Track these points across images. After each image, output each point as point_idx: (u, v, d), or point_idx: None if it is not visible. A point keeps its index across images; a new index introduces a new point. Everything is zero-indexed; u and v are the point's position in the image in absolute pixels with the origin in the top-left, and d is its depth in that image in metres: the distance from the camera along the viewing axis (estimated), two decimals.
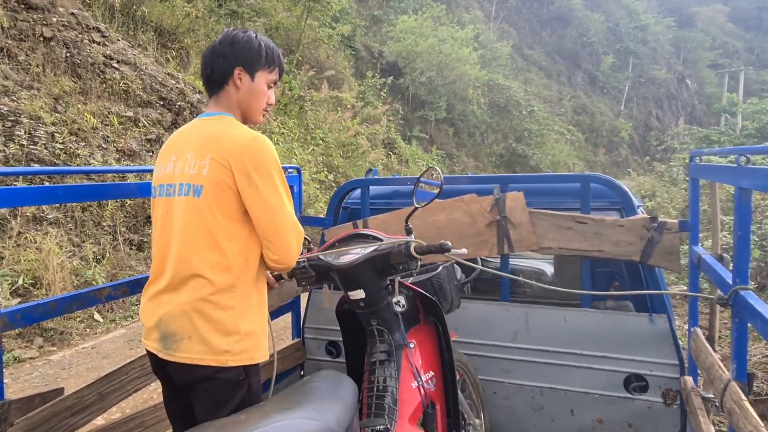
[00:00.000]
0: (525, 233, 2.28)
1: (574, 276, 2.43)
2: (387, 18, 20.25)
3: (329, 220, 2.62)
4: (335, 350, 2.58)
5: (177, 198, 1.48)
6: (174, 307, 1.44)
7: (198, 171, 1.44)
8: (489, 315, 2.35)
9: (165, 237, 1.50)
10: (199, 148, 1.47)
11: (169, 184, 1.51)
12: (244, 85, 1.56)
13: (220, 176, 1.42)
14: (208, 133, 1.49)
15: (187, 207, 1.45)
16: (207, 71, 1.57)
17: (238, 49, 1.55)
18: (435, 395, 1.72)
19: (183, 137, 1.56)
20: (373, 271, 1.65)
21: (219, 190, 1.42)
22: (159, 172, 1.58)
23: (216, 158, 1.43)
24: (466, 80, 18.74)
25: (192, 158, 1.47)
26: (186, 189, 1.46)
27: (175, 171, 1.50)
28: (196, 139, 1.50)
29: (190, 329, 1.42)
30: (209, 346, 1.40)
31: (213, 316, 1.42)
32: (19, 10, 7.02)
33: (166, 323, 1.45)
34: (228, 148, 1.43)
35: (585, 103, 32.12)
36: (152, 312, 1.49)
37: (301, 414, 1.07)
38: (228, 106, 1.57)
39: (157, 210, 1.56)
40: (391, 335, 1.67)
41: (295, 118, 11.64)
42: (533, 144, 21.59)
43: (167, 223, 1.50)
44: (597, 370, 2.19)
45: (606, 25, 39.65)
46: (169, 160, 1.54)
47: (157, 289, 1.50)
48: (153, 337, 1.48)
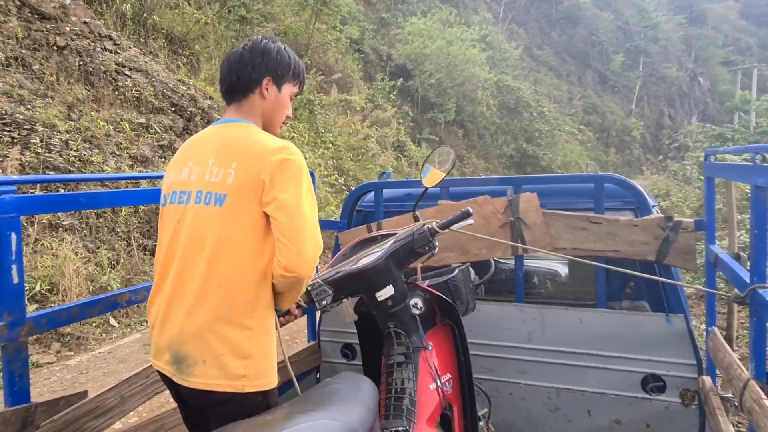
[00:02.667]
0: (539, 234, 2.28)
1: (589, 277, 2.42)
2: (395, 21, 20.29)
3: (343, 224, 2.63)
4: (351, 353, 2.59)
5: (194, 206, 1.40)
6: (186, 327, 1.34)
7: (222, 179, 1.37)
8: (504, 316, 2.35)
9: (175, 247, 1.40)
10: (222, 154, 1.41)
11: (183, 192, 1.44)
12: (270, 96, 1.53)
13: (246, 185, 1.36)
14: (233, 139, 1.44)
15: (208, 216, 1.37)
16: (232, 78, 1.52)
17: (269, 59, 1.52)
18: (452, 397, 1.72)
19: (200, 143, 1.50)
20: (396, 264, 1.66)
21: (244, 201, 1.36)
22: (171, 179, 1.50)
23: (243, 166, 1.37)
24: (475, 82, 18.73)
25: (214, 165, 1.40)
26: (207, 197, 1.38)
27: (191, 177, 1.43)
28: (218, 145, 1.44)
29: (205, 352, 1.32)
30: (225, 370, 1.31)
31: (230, 337, 1.33)
32: (32, 20, 7.14)
33: (178, 345, 1.35)
34: (256, 156, 1.37)
35: (595, 103, 31.93)
36: (161, 331, 1.40)
37: (325, 415, 1.08)
38: (250, 114, 1.53)
39: (167, 218, 1.47)
40: (409, 337, 1.67)
41: (305, 122, 11.70)
42: (544, 144, 21.50)
43: (178, 233, 1.41)
44: (614, 371, 2.18)
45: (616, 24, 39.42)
46: (184, 166, 1.47)
47: (165, 305, 1.40)
48: (165, 359, 1.38)
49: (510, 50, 24.42)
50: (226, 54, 1.56)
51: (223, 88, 1.56)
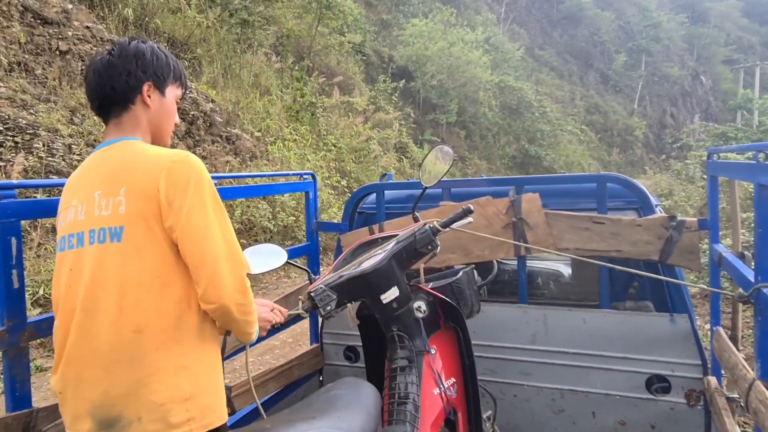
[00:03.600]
0: (541, 234, 2.27)
1: (592, 277, 2.41)
2: (396, 22, 20.30)
3: (345, 226, 2.63)
4: (354, 355, 2.59)
5: (88, 248, 1.21)
6: (112, 389, 1.16)
7: (113, 210, 1.19)
8: (507, 317, 2.34)
9: (73, 300, 1.20)
10: (107, 183, 1.23)
11: (71, 234, 1.24)
12: (154, 103, 1.35)
13: (141, 211, 1.18)
14: (116, 163, 1.25)
15: (106, 256, 1.19)
16: (105, 89, 1.31)
17: (145, 62, 1.33)
18: (457, 402, 1.71)
19: (83, 176, 1.30)
20: (399, 265, 1.65)
21: (144, 229, 1.18)
22: (60, 223, 1.29)
23: (133, 190, 1.20)
24: (476, 83, 18.72)
25: (101, 197, 1.22)
26: (100, 235, 1.20)
27: (78, 217, 1.24)
28: (101, 173, 1.25)
29: (140, 408, 1.15)
30: (167, 421, 1.15)
31: (166, 383, 1.16)
32: (35, 25, 7.17)
33: (105, 409, 1.16)
34: (145, 174, 1.20)
35: (598, 103, 31.89)
36: (76, 398, 1.20)
37: (326, 423, 1.07)
38: (134, 129, 1.33)
39: (58, 269, 1.27)
40: (412, 341, 1.66)
41: (307, 125, 11.71)
42: (546, 145, 21.48)
43: (74, 283, 1.21)
44: (618, 372, 2.17)
45: (617, 24, 39.38)
46: (69, 206, 1.27)
47: (74, 368, 1.20)
48: (86, 428, 1.18)
49: (512, 51, 24.41)
50: (91, 62, 1.35)
51: (96, 104, 1.35)
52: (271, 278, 7.90)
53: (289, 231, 8.56)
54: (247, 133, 9.70)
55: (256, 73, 11.30)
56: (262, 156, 9.59)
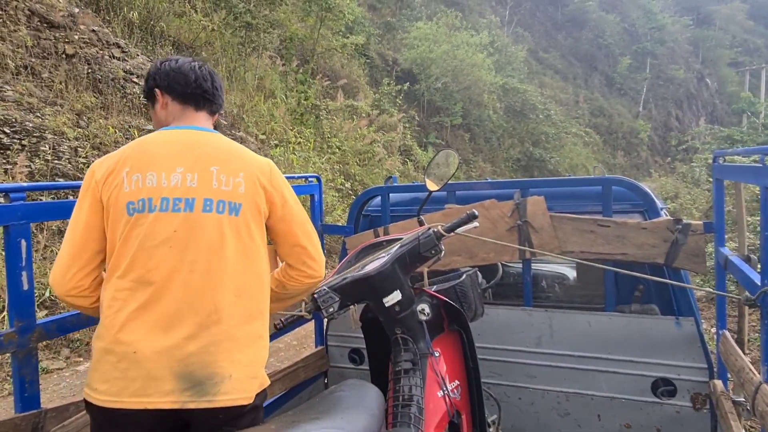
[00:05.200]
0: (547, 237, 2.27)
1: (597, 280, 2.41)
2: (401, 25, 20.33)
3: (350, 228, 2.63)
4: (358, 358, 2.59)
5: (202, 215, 1.32)
6: (209, 344, 1.26)
7: (234, 188, 1.37)
8: (512, 320, 2.34)
9: (168, 260, 1.28)
10: (224, 163, 1.39)
11: (179, 199, 1.33)
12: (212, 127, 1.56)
13: (255, 195, 1.39)
14: (225, 148, 1.44)
15: (224, 225, 1.34)
16: (215, 92, 1.54)
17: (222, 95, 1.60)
18: (461, 404, 1.71)
19: (181, 149, 1.40)
20: (403, 269, 1.66)
21: (255, 210, 1.39)
22: (151, 183, 1.33)
23: (250, 176, 1.40)
24: (481, 85, 18.71)
25: (219, 173, 1.37)
26: (219, 206, 1.34)
27: (188, 184, 1.34)
28: (209, 152, 1.40)
29: (230, 366, 1.28)
30: (251, 381, 1.32)
31: (252, 347, 1.34)
32: (42, 29, 7.22)
33: (196, 366, 1.24)
34: (258, 168, 1.43)
35: (602, 105, 31.81)
36: (162, 355, 1.24)
37: (330, 424, 1.08)
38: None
39: (151, 227, 1.30)
40: (416, 344, 1.66)
41: (311, 127, 11.73)
42: (551, 147, 21.42)
43: (176, 244, 1.30)
44: (623, 375, 2.16)
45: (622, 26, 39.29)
46: (171, 170, 1.35)
47: (162, 324, 1.26)
48: (166, 389, 1.22)
49: (516, 53, 24.39)
50: (186, 59, 1.53)
51: (195, 92, 1.49)
52: None
53: None
54: (252, 136, 9.73)
55: (260, 76, 11.33)
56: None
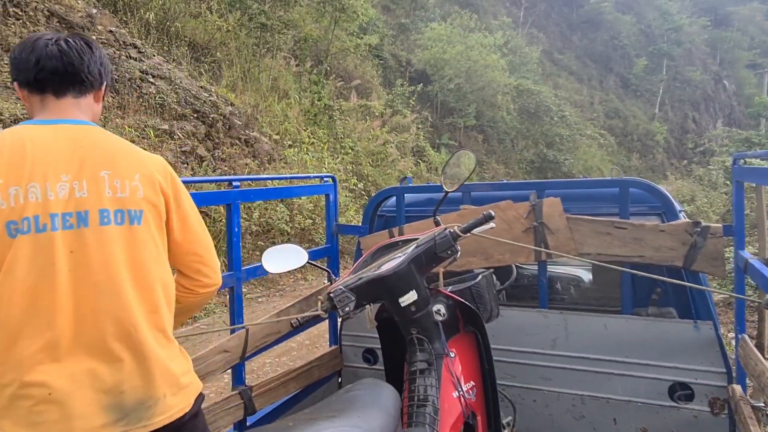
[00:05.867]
0: (563, 239, 2.25)
1: (614, 283, 2.39)
2: (414, 26, 20.33)
3: (365, 228, 2.63)
4: (372, 358, 2.59)
5: (99, 228, 1.15)
6: (137, 367, 1.16)
7: (131, 194, 1.20)
8: (527, 322, 2.32)
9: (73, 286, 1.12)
10: (116, 165, 1.20)
11: (68, 213, 1.13)
12: (99, 107, 1.34)
13: (153, 198, 1.24)
14: (114, 147, 1.24)
15: (125, 237, 1.18)
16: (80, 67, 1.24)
17: (107, 65, 1.34)
18: (476, 405, 1.70)
19: (60, 150, 1.17)
20: (419, 269, 1.65)
21: (156, 215, 1.25)
22: (35, 197, 1.11)
23: (146, 178, 1.23)
24: (495, 86, 18.64)
25: (111, 178, 1.19)
26: (118, 216, 1.17)
27: (76, 195, 1.15)
28: (98, 154, 1.20)
29: (164, 384, 1.19)
30: (189, 387, 1.26)
31: (179, 357, 1.27)
32: (60, 30, 7.32)
33: (128, 393, 1.14)
34: (154, 167, 1.27)
35: (617, 107, 31.54)
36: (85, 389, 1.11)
37: (346, 422, 1.08)
38: (90, 117, 1.30)
39: (50, 250, 1.11)
40: (431, 344, 1.66)
41: (325, 128, 11.77)
42: (565, 149, 21.28)
43: (81, 264, 1.13)
44: (640, 378, 2.14)
45: (638, 27, 38.92)
46: (56, 179, 1.14)
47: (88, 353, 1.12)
48: (96, 424, 1.10)
49: (530, 54, 24.27)
50: (51, 34, 1.26)
51: (55, 77, 1.23)
52: (288, 280, 7.94)
53: (306, 234, 8.60)
54: (266, 136, 9.78)
55: (274, 77, 11.39)
56: (280, 159, 9.66)
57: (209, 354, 1.87)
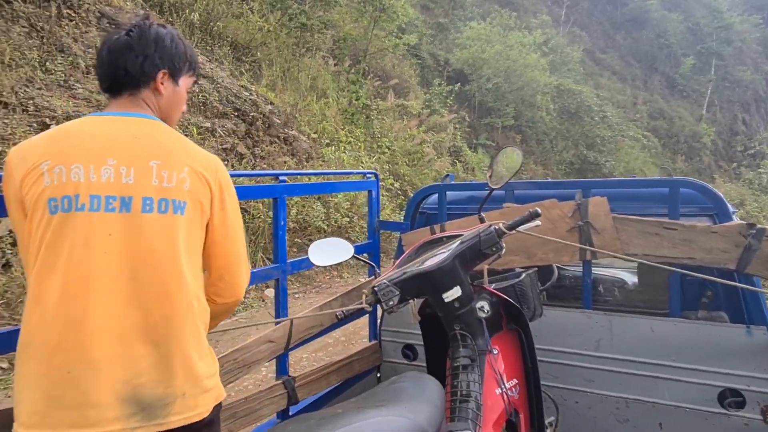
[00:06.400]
0: (609, 239, 2.20)
1: (661, 285, 2.33)
2: (453, 25, 20.22)
3: (406, 225, 2.65)
4: (412, 353, 2.59)
5: (141, 215, 1.15)
6: (159, 361, 1.12)
7: (177, 184, 1.19)
8: (570, 322, 2.28)
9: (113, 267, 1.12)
10: (165, 156, 1.21)
11: (111, 196, 1.14)
12: (167, 91, 1.31)
13: (200, 193, 1.22)
14: (165, 139, 1.25)
15: (167, 226, 1.17)
16: (118, 71, 1.25)
17: (164, 48, 1.29)
18: (518, 403, 1.69)
19: (111, 137, 1.20)
20: (463, 265, 1.65)
21: (200, 210, 1.22)
22: (77, 178, 1.14)
23: (194, 172, 1.22)
24: (534, 86, 18.37)
25: (160, 168, 1.19)
26: (162, 205, 1.17)
27: (123, 180, 1.15)
28: (151, 143, 1.22)
29: (185, 383, 1.15)
30: (210, 392, 1.21)
31: (207, 357, 1.23)
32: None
33: (147, 386, 1.11)
34: (204, 163, 1.25)
35: (662, 108, 30.58)
36: (103, 378, 1.08)
37: (394, 412, 1.09)
38: (149, 110, 1.30)
39: (87, 229, 1.12)
40: (475, 341, 1.65)
41: (362, 127, 11.84)
42: (606, 151, 20.77)
43: (116, 248, 1.13)
44: (688, 383, 2.08)
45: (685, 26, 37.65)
46: (101, 163, 1.16)
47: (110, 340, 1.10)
48: (110, 416, 1.08)
49: (571, 54, 23.80)
50: (105, 39, 1.29)
51: (105, 85, 1.29)
52: (324, 277, 8.03)
53: (343, 232, 8.67)
54: (304, 135, 9.90)
55: (313, 76, 11.52)
56: (317, 157, 9.76)
57: (255, 343, 1.92)
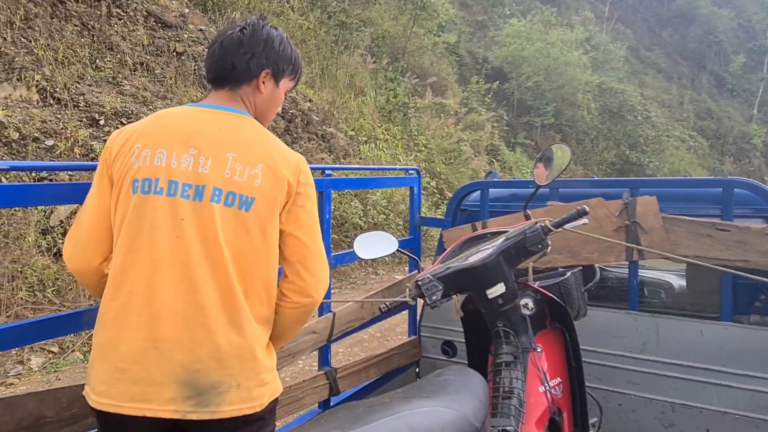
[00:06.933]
0: (657, 240, 2.15)
1: (711, 288, 2.25)
2: (492, 23, 20.00)
3: (448, 222, 2.64)
4: (451, 350, 2.59)
5: (211, 205, 1.18)
6: (215, 348, 1.14)
7: (249, 179, 1.20)
8: (614, 324, 2.24)
9: (176, 251, 1.16)
10: (243, 151, 1.22)
11: (188, 184, 1.19)
12: (267, 90, 1.35)
13: (273, 191, 1.21)
14: (248, 134, 1.26)
15: (231, 220, 1.18)
16: (225, 64, 1.30)
17: (271, 50, 1.33)
18: (562, 402, 1.67)
19: (198, 128, 1.24)
20: (507, 262, 1.64)
21: (270, 209, 1.21)
22: (159, 162, 1.20)
23: (271, 169, 1.22)
24: (575, 84, 17.99)
25: (235, 161, 1.20)
26: (229, 198, 1.18)
27: (200, 170, 1.19)
28: (229, 137, 1.24)
29: (240, 373, 1.16)
30: (266, 386, 1.21)
31: (265, 351, 1.23)
32: (156, 29, 7.81)
33: (202, 372, 1.12)
34: (283, 161, 1.25)
35: (710, 107, 29.49)
36: (161, 358, 1.12)
37: (440, 403, 1.09)
38: (244, 106, 1.33)
39: (163, 212, 1.17)
40: (518, 338, 1.64)
41: (399, 125, 11.84)
42: (649, 151, 20.15)
43: (183, 234, 1.16)
44: (738, 389, 2.01)
45: (737, 22, 36.16)
46: (183, 151, 1.20)
47: (171, 321, 1.14)
48: (167, 396, 1.11)
49: (614, 51, 23.20)
50: (220, 33, 1.36)
51: (211, 75, 1.34)
52: (359, 274, 8.08)
53: (379, 229, 8.70)
54: (342, 132, 9.97)
55: (351, 74, 11.58)
56: (355, 155, 9.82)
57: (299, 334, 1.95)
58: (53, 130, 5.50)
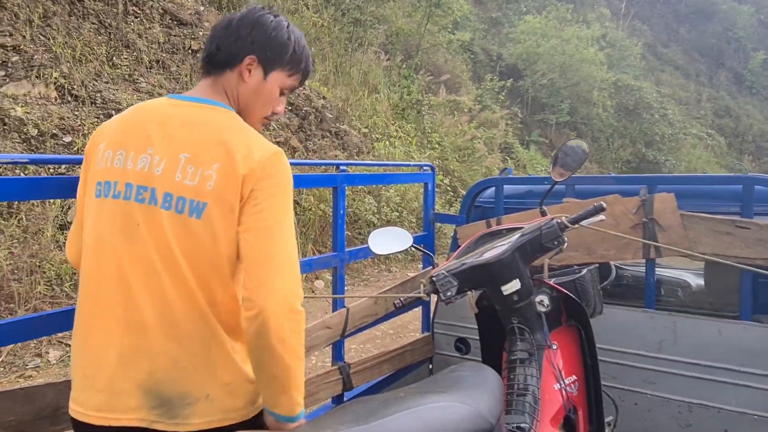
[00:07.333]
0: (675, 237, 2.12)
1: (730, 287, 2.22)
2: (507, 20, 19.86)
3: (462, 218, 2.63)
4: (464, 347, 2.58)
5: (161, 211, 1.09)
6: (181, 359, 1.07)
7: (200, 182, 1.08)
8: (631, 322, 2.21)
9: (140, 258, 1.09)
10: (199, 151, 1.10)
11: (143, 187, 1.11)
12: (251, 80, 1.22)
13: (226, 194, 1.08)
14: (212, 131, 1.13)
15: (182, 227, 1.09)
16: (212, 46, 1.22)
17: (260, 34, 1.21)
18: (577, 400, 1.65)
19: (163, 123, 1.14)
20: (523, 258, 1.63)
21: (225, 213, 1.08)
22: (118, 164, 1.13)
23: (227, 169, 1.08)
24: (591, 82, 17.81)
25: (187, 162, 1.09)
26: (179, 204, 1.09)
27: (153, 171, 1.11)
28: (193, 134, 1.12)
29: (209, 385, 1.09)
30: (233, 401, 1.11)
31: (237, 362, 1.12)
32: (172, 27, 7.87)
33: (167, 383, 1.07)
34: (245, 158, 1.09)
35: (729, 105, 29.02)
36: (127, 368, 1.07)
37: (455, 398, 1.08)
38: (225, 95, 1.22)
39: (122, 217, 1.11)
40: (533, 335, 1.62)
41: (413, 123, 11.81)
42: (666, 149, 19.89)
43: (143, 239, 1.09)
44: (757, 390, 1.98)
45: (757, 18, 35.49)
46: (141, 151, 1.12)
47: (137, 331, 1.08)
48: (132, 404, 1.07)
49: (631, 48, 22.92)
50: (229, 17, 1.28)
51: (201, 63, 1.26)
52: (372, 271, 8.08)
53: (393, 225, 8.70)
54: (355, 129, 9.98)
55: (365, 71, 11.58)
56: (368, 152, 9.82)
57: (314, 329, 1.96)
58: (71, 127, 5.57)
